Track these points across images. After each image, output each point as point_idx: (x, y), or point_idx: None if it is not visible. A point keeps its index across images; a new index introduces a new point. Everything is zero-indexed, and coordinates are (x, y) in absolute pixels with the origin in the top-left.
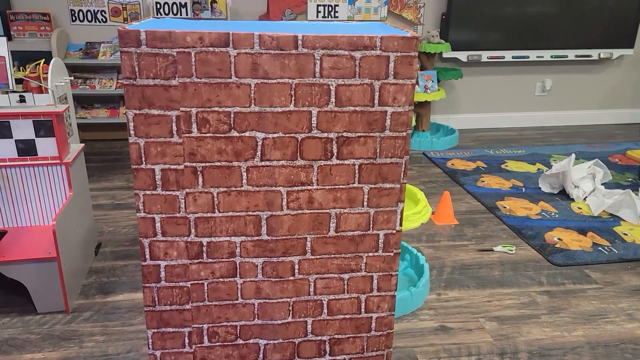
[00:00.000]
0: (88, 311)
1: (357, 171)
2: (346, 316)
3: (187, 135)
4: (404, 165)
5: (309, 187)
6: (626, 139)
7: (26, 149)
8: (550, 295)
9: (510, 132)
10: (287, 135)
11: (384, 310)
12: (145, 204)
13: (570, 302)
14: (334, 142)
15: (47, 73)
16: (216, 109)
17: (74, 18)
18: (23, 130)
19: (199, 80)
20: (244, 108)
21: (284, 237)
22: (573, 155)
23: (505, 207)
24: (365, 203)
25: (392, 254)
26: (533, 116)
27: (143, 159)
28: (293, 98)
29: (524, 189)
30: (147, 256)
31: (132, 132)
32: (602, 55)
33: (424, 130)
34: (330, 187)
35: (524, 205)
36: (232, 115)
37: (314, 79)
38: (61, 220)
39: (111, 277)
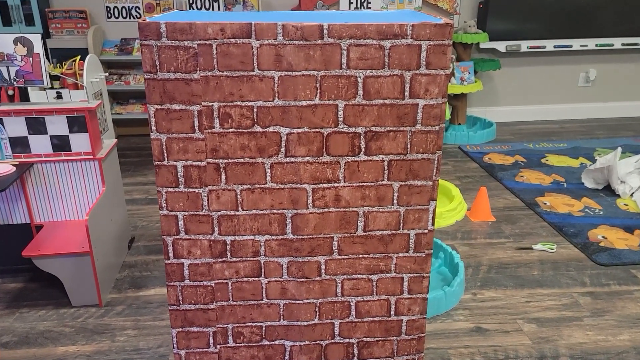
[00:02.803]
0: (120, 305)
1: (386, 168)
2: (375, 318)
3: (210, 130)
4: (436, 162)
5: (336, 185)
6: None
7: (60, 144)
8: (594, 296)
9: (551, 125)
10: (313, 130)
11: (415, 313)
12: (168, 201)
13: (616, 304)
14: (361, 137)
15: (82, 69)
16: (239, 103)
17: (109, 15)
18: (57, 126)
19: (220, 73)
20: (268, 102)
21: (309, 236)
22: (619, 149)
23: (545, 204)
24: (395, 201)
25: (423, 255)
26: (576, 108)
27: (165, 155)
28: (318, 91)
29: (565, 184)
30: (171, 254)
31: (153, 127)
32: None
33: (459, 124)
34: (357, 184)
35: (566, 201)
36: (255, 110)
37: (341, 71)
38: (94, 216)
39: (144, 271)
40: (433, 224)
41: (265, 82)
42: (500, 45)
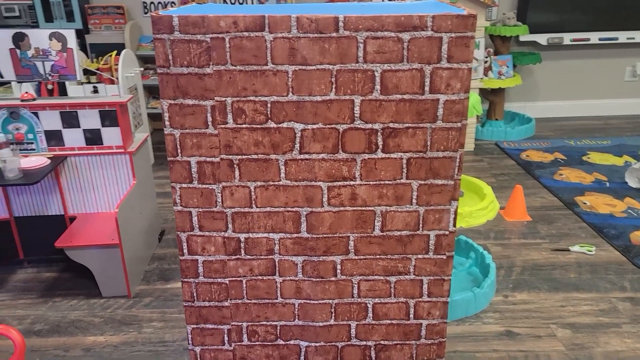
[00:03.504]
0: (148, 297)
1: (405, 166)
2: (393, 321)
3: (223, 126)
4: (458, 160)
5: (352, 183)
6: None
7: (93, 138)
8: (634, 302)
9: (594, 121)
10: (328, 126)
11: (435, 317)
12: (182, 197)
13: None
14: (379, 133)
15: (118, 64)
16: (252, 98)
17: (146, 10)
18: (90, 120)
19: (233, 67)
20: (281, 97)
21: (324, 235)
22: None
23: (585, 203)
24: (414, 201)
25: (444, 257)
26: (621, 104)
27: (179, 150)
28: (334, 86)
29: (607, 183)
30: (185, 250)
31: (167, 123)
32: None
33: (497, 119)
34: (375, 182)
35: (608, 201)
36: (268, 105)
37: (357, 65)
38: (124, 208)
39: (172, 264)
40: (454, 225)
41: (279, 77)
42: (542, 38)
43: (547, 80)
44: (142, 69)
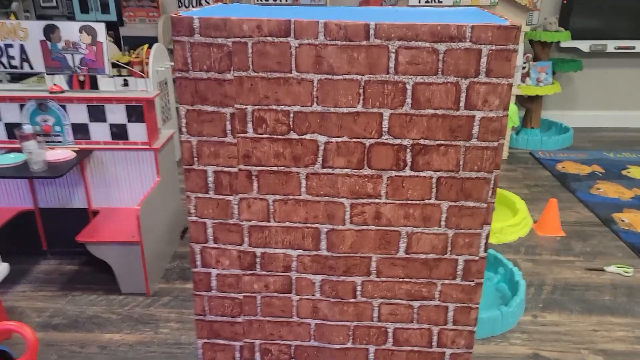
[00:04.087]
0: (167, 296)
1: (434, 185)
2: (414, 348)
3: (242, 135)
4: (492, 182)
5: (377, 201)
6: None
7: (119, 133)
8: None
9: (635, 133)
10: (354, 140)
11: (460, 346)
12: (197, 207)
13: None
14: (408, 150)
15: (149, 58)
16: (274, 107)
17: (180, 4)
18: (116, 114)
19: (255, 74)
20: (305, 107)
21: (345, 255)
22: None
23: (623, 221)
24: (442, 223)
25: (472, 284)
26: None
27: (195, 158)
28: (362, 97)
29: None
30: (198, 262)
31: (184, 129)
32: None
33: (532, 128)
34: (401, 201)
35: None
36: (291, 115)
37: (387, 76)
38: (146, 206)
39: None
40: (485, 250)
41: (303, 86)
42: (584, 45)
43: (588, 88)
44: (172, 63)
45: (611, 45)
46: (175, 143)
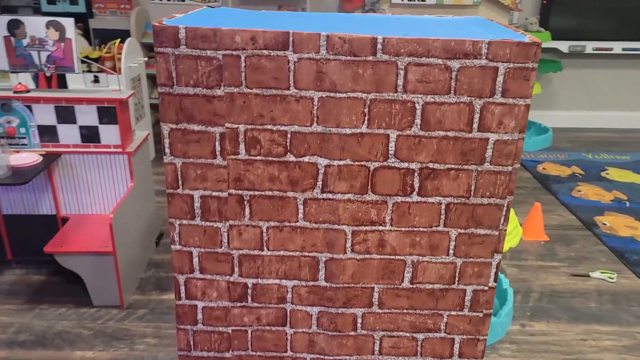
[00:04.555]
0: (143, 308)
1: (443, 212)
2: None
3: (233, 157)
4: (505, 208)
5: (381, 228)
6: None
7: (89, 135)
8: None
9: (611, 133)
10: (357, 163)
11: None
12: (181, 235)
13: None
14: (415, 174)
15: (121, 53)
16: (269, 126)
17: None
18: (87, 116)
19: (249, 90)
20: (304, 127)
21: (345, 285)
22: None
23: (605, 224)
24: (451, 251)
25: (481, 315)
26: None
27: (179, 182)
28: (366, 117)
29: (628, 203)
30: (183, 295)
31: (167, 150)
32: None
33: None
34: (407, 229)
35: (629, 223)
36: (288, 136)
37: (395, 94)
38: (119, 213)
39: (169, 271)
40: (495, 280)
41: (302, 104)
42: (563, 45)
43: (567, 89)
44: (146, 58)
45: (590, 46)
46: (149, 144)
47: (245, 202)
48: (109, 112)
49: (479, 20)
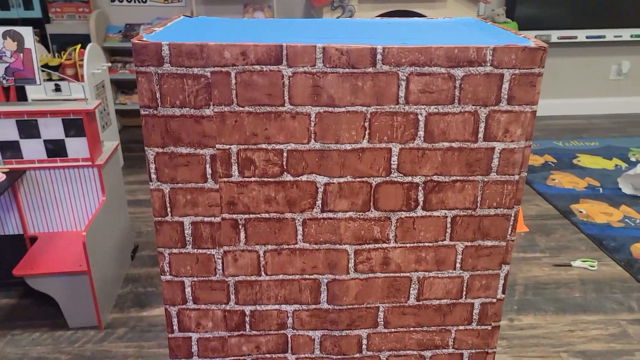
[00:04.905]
0: (122, 327)
1: (449, 225)
2: None
3: (226, 179)
4: (512, 218)
5: (385, 245)
6: None
7: (55, 149)
8: None
9: (578, 120)
10: (358, 179)
11: None
12: (172, 264)
13: None
14: (420, 188)
15: (83, 59)
16: (264, 146)
17: None
18: (52, 129)
19: (241, 109)
20: (301, 145)
21: (349, 307)
22: None
23: (581, 212)
24: (457, 265)
25: (489, 328)
26: (606, 102)
27: (168, 209)
28: (367, 131)
29: (601, 189)
30: (175, 327)
31: (153, 176)
32: None
33: None
34: (412, 245)
35: (604, 209)
36: (284, 154)
37: (397, 106)
38: (92, 230)
39: (148, 286)
40: (504, 292)
41: (298, 120)
42: (529, 35)
43: None
44: (109, 63)
45: (555, 36)
46: (118, 153)
47: (240, 227)
48: (75, 124)
49: (473, 22)
